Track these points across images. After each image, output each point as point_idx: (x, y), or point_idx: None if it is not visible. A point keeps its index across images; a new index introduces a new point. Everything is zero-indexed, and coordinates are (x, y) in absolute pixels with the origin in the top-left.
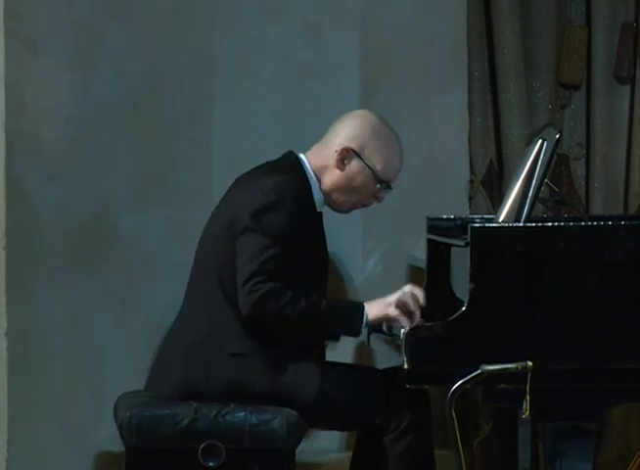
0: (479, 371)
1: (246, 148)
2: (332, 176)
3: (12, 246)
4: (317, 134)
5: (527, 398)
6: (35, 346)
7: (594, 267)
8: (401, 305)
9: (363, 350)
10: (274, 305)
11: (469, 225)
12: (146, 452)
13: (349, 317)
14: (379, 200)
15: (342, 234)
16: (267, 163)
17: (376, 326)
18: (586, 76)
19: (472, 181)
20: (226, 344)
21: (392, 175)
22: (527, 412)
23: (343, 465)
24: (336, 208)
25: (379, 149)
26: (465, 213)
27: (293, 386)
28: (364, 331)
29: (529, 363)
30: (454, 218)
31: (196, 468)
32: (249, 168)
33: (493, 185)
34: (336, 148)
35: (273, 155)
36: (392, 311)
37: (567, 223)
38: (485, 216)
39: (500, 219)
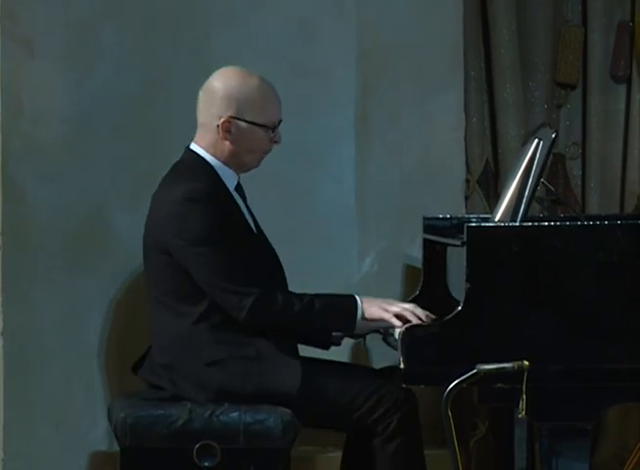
0: (475, 371)
1: None
2: (226, 148)
3: (8, 245)
4: (313, 133)
5: (524, 397)
6: (31, 345)
7: (590, 267)
8: (400, 316)
9: (359, 349)
10: (266, 315)
11: (465, 225)
12: (141, 453)
13: (344, 314)
14: (278, 142)
15: (339, 233)
16: (173, 167)
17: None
18: (582, 76)
19: (468, 181)
20: (199, 356)
21: (277, 116)
22: (524, 412)
23: (338, 464)
24: (246, 169)
25: (252, 102)
26: (461, 213)
27: (275, 383)
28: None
29: (526, 363)
30: (450, 218)
31: (191, 468)
32: None
33: (489, 184)
34: (216, 122)
35: (271, 154)
36: (387, 316)
37: (563, 223)
38: (482, 216)
39: (496, 219)
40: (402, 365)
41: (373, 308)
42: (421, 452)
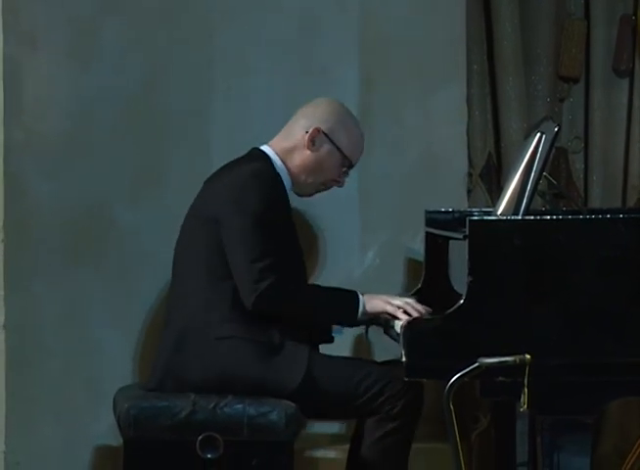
0: (476, 364)
1: (243, 143)
2: (301, 157)
3: (9, 240)
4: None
5: (525, 391)
6: (33, 339)
7: (592, 261)
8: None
9: (362, 342)
10: (277, 298)
11: (467, 218)
12: (144, 444)
13: (346, 308)
14: (340, 184)
15: (341, 227)
16: (234, 160)
17: (373, 319)
18: (585, 69)
19: (470, 174)
20: (213, 330)
21: (357, 158)
22: (525, 405)
23: (342, 457)
24: (301, 191)
25: (346, 132)
26: (463, 207)
27: (281, 370)
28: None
29: (527, 356)
30: (452, 211)
31: (194, 460)
32: None
33: (492, 178)
34: (306, 129)
35: None
36: (391, 308)
37: (565, 216)
38: (484, 210)
39: (498, 212)
40: (404, 359)
41: (375, 301)
42: (410, 441)
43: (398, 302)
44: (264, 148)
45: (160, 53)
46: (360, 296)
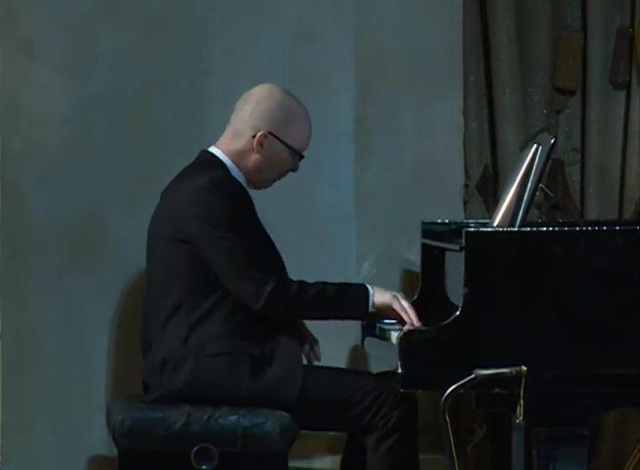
0: (472, 376)
1: None
2: (253, 160)
3: (6, 247)
4: (312, 138)
5: (521, 402)
6: (29, 347)
7: (589, 273)
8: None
9: (357, 353)
10: (284, 302)
11: (463, 230)
12: (138, 455)
13: (356, 302)
14: (295, 170)
15: (337, 237)
16: (186, 168)
17: (372, 326)
18: (582, 81)
19: (467, 186)
20: (204, 347)
21: (306, 146)
22: (521, 417)
23: (335, 468)
24: (258, 187)
25: (293, 126)
26: (460, 218)
27: (276, 384)
28: (360, 331)
29: (524, 368)
30: (449, 223)
31: None
32: None
33: (488, 190)
34: (252, 133)
35: None
36: (397, 305)
37: (561, 228)
38: (480, 221)
39: (495, 224)
40: (400, 370)
41: (384, 295)
42: (416, 453)
43: (405, 303)
44: (214, 151)
45: (157, 62)
46: (370, 287)
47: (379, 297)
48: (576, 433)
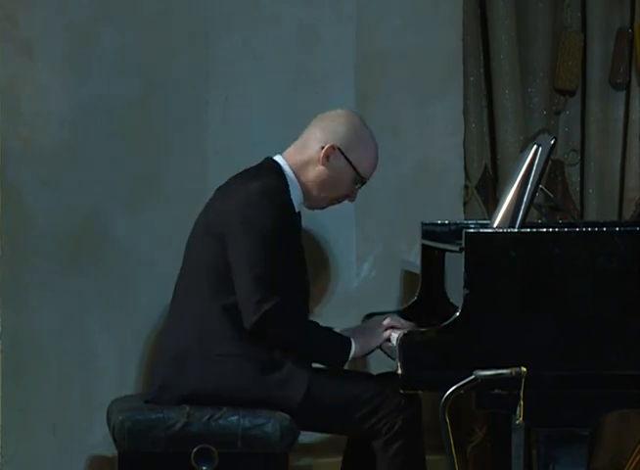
0: (472, 377)
1: (239, 152)
2: (315, 172)
3: (6, 249)
4: None
5: (521, 403)
6: (28, 348)
7: (588, 273)
8: (389, 327)
9: None
10: (277, 321)
11: (463, 231)
12: (138, 456)
13: (337, 352)
14: (352, 198)
15: (337, 238)
16: (247, 170)
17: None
18: (581, 82)
19: (466, 186)
20: (214, 346)
21: (370, 174)
22: (521, 418)
23: (335, 469)
24: (313, 204)
25: (361, 149)
26: (459, 219)
27: (282, 388)
28: None
29: (523, 369)
30: (449, 224)
31: None
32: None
33: (488, 190)
34: (321, 144)
35: None
36: (382, 338)
37: (561, 229)
38: (480, 222)
39: (494, 225)
40: (400, 371)
41: (365, 342)
42: (422, 456)
43: (384, 325)
44: (278, 159)
45: (157, 63)
46: (353, 344)
47: (362, 349)
48: (576, 434)
